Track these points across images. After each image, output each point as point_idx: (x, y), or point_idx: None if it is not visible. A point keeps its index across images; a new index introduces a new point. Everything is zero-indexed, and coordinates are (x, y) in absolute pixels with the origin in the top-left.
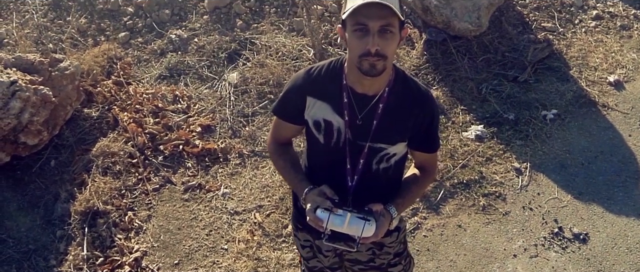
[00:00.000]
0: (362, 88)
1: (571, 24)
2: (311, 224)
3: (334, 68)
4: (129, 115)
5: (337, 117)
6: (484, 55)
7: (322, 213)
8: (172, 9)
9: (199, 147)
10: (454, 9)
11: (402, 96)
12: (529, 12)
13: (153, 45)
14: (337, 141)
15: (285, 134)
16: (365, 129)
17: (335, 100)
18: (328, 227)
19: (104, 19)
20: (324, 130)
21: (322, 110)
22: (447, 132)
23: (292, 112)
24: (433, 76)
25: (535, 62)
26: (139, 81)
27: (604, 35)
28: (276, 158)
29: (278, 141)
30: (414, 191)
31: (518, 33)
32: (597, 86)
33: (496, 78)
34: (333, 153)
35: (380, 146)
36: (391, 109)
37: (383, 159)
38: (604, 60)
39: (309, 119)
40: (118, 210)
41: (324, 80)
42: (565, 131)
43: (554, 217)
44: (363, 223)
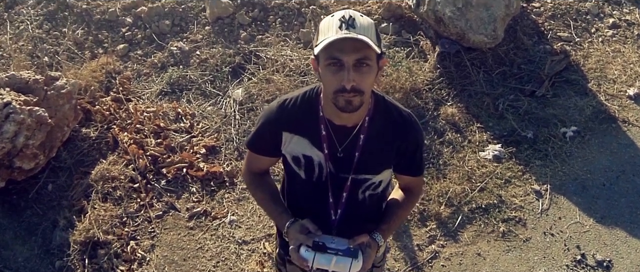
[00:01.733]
0: (340, 120)
1: (587, 33)
2: (295, 263)
3: (309, 99)
4: (129, 136)
5: (316, 151)
6: (500, 68)
7: (307, 253)
8: (173, 19)
9: (203, 170)
10: (468, 20)
11: (383, 125)
12: (544, 20)
13: (153, 58)
14: (318, 175)
15: (262, 166)
16: (346, 161)
17: (313, 134)
18: (314, 266)
19: (101, 30)
20: (304, 166)
21: (300, 145)
22: (463, 152)
23: (268, 146)
24: (447, 91)
25: (552, 75)
26: (139, 97)
27: (622, 45)
28: (254, 189)
29: (254, 172)
30: (400, 214)
31: (533, 43)
32: (616, 100)
33: (513, 92)
34: (315, 188)
35: (364, 177)
36: (373, 139)
37: (369, 188)
38: (623, 72)
39: (287, 154)
40: (120, 239)
41: (299, 113)
42: (586, 149)
43: (576, 243)
44: (350, 261)
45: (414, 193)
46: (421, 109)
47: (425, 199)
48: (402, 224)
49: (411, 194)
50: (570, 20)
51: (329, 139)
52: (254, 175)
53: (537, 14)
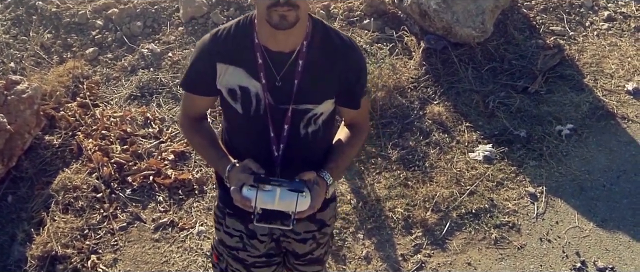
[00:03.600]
0: (276, 45)
1: (582, 26)
2: (238, 204)
3: (243, 27)
4: (94, 143)
5: (253, 81)
6: (489, 64)
7: (249, 191)
8: (145, 20)
9: (171, 178)
10: (455, 13)
11: (323, 49)
12: (535, 14)
13: (123, 61)
14: (256, 108)
15: (198, 109)
16: (286, 90)
17: (249, 63)
18: (257, 205)
19: (70, 33)
20: (240, 99)
21: (235, 76)
22: (451, 154)
23: (203, 84)
24: (433, 89)
25: (546, 70)
26: (108, 102)
27: (618, 39)
28: (191, 136)
29: (191, 117)
30: (347, 152)
31: (525, 38)
32: (614, 96)
33: (504, 89)
34: (254, 122)
35: (306, 106)
36: (312, 65)
37: (310, 121)
38: (620, 66)
39: (222, 88)
40: (80, 253)
41: (233, 42)
42: (583, 148)
43: (576, 249)
44: (296, 196)
45: (359, 128)
46: (406, 109)
47: (410, 204)
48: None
49: (357, 130)
50: (563, 13)
51: (265, 67)
52: (191, 121)
53: (528, 7)
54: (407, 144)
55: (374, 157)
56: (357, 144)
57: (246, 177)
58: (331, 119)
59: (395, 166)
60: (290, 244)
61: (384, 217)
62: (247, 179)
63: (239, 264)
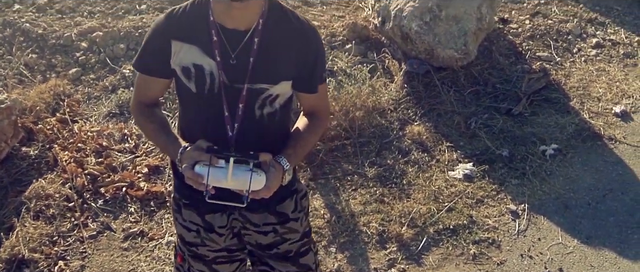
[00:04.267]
0: (232, 22)
1: (569, 53)
2: (190, 182)
3: (199, 5)
4: (69, 155)
5: (207, 59)
6: (473, 87)
7: (201, 168)
8: (128, 43)
9: (143, 190)
10: (436, 35)
11: (280, 28)
12: (522, 41)
13: (105, 81)
14: (210, 86)
15: (152, 93)
16: (241, 68)
17: (204, 41)
18: (209, 182)
19: (55, 54)
20: (194, 77)
21: (190, 54)
22: (430, 172)
23: (157, 63)
24: (414, 110)
25: (531, 93)
26: (87, 119)
27: (607, 64)
28: (143, 121)
29: (144, 102)
30: (306, 139)
31: (510, 63)
32: (601, 118)
33: (487, 111)
34: (208, 102)
35: (261, 86)
36: (269, 43)
37: (266, 103)
38: (608, 90)
39: (176, 67)
40: (47, 258)
41: (188, 20)
42: (568, 168)
43: (559, 266)
44: (249, 174)
45: (319, 117)
46: (385, 129)
47: (385, 219)
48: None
49: (316, 118)
50: (550, 40)
51: (220, 45)
52: (143, 107)
53: (514, 34)
54: (384, 162)
55: (350, 175)
56: (317, 133)
57: (199, 154)
58: (288, 105)
59: (372, 183)
60: (252, 236)
61: (357, 231)
62: (200, 156)
63: (200, 262)
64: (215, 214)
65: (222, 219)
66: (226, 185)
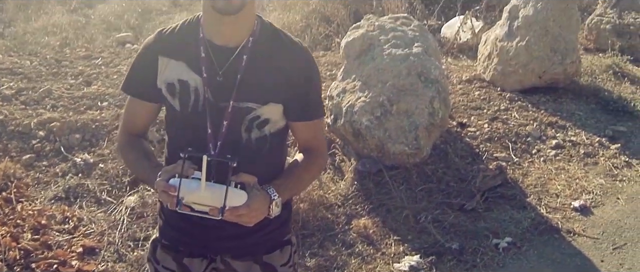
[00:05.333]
0: (221, 38)
1: (528, 154)
2: (162, 198)
3: (189, 24)
4: (6, 230)
5: (193, 75)
6: (425, 184)
7: (174, 180)
8: (84, 134)
9: (74, 267)
10: (387, 129)
11: (271, 47)
12: (479, 143)
13: (56, 168)
14: (194, 103)
15: (139, 120)
16: (227, 86)
17: (192, 57)
18: (182, 194)
19: (12, 140)
20: (178, 93)
21: (176, 69)
22: (374, 264)
23: (144, 84)
24: (362, 206)
25: (485, 189)
26: (32, 201)
27: (566, 163)
28: (127, 151)
29: (130, 132)
30: (299, 174)
31: (466, 164)
32: (559, 212)
33: (439, 207)
34: (191, 120)
35: (247, 104)
36: (258, 61)
37: (253, 126)
38: (567, 186)
39: (162, 85)
40: None
41: (178, 37)
42: (523, 260)
43: None
44: (224, 188)
45: (315, 153)
46: (330, 222)
47: None
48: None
49: (313, 155)
50: (509, 142)
51: (208, 61)
52: (129, 137)
53: (472, 137)
54: (327, 253)
55: None
56: (311, 170)
57: (173, 167)
58: (281, 136)
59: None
60: None
61: None
62: (174, 168)
63: None
64: (194, 259)
65: (201, 265)
66: (199, 198)
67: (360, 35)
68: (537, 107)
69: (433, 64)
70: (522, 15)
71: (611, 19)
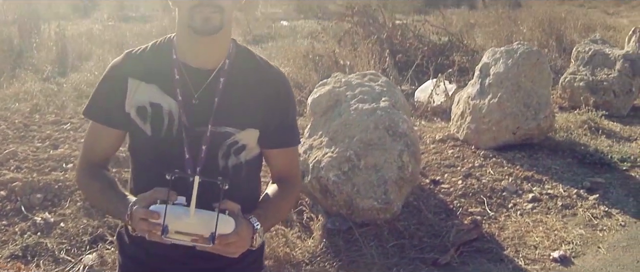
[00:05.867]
0: (197, 60)
1: (504, 208)
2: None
3: (160, 45)
4: None
5: (167, 98)
6: (397, 240)
7: (158, 206)
8: (46, 194)
9: None
10: (355, 185)
11: (247, 71)
12: (453, 199)
13: (15, 227)
14: (168, 128)
15: (101, 148)
16: (204, 109)
17: (164, 79)
18: (167, 222)
19: None
20: (150, 117)
21: (147, 92)
22: None
23: (109, 108)
24: (331, 263)
25: (460, 243)
26: None
27: (544, 216)
28: (89, 182)
29: (91, 161)
30: (277, 204)
31: (440, 219)
32: (539, 263)
33: (412, 263)
34: (165, 146)
35: (226, 129)
36: (235, 84)
37: (231, 152)
38: (546, 237)
39: (131, 109)
40: None
41: (149, 58)
42: None
43: None
44: (213, 214)
45: (290, 182)
46: None
47: None
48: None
49: (288, 184)
50: (484, 197)
51: (182, 84)
52: (91, 167)
53: (446, 193)
54: None
55: None
56: (288, 200)
57: (154, 192)
58: (256, 165)
59: None
60: None
61: None
62: (154, 194)
63: None
64: None
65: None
66: (187, 225)
67: (327, 91)
68: (513, 163)
69: (401, 118)
70: (493, 72)
71: (584, 76)
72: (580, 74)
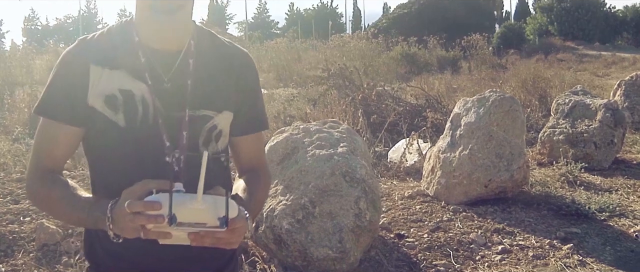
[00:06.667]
0: (161, 42)
1: (471, 260)
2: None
3: (118, 28)
4: None
5: (137, 83)
6: None
7: (158, 195)
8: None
9: None
10: (309, 233)
11: (212, 50)
12: (417, 252)
13: None
14: (144, 116)
15: (58, 151)
16: (177, 93)
17: (130, 63)
18: (173, 210)
19: None
20: (122, 105)
21: (115, 79)
22: None
23: (69, 102)
24: None
25: None
26: None
27: (513, 266)
28: (46, 191)
29: (45, 167)
30: (255, 195)
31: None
32: None
33: None
34: (141, 136)
35: (204, 112)
36: (205, 65)
37: (211, 138)
38: None
39: (97, 99)
40: None
41: (109, 43)
42: None
43: None
44: (220, 199)
45: (263, 172)
46: None
47: None
48: None
49: (260, 173)
50: (450, 250)
51: (150, 67)
52: (44, 173)
53: (410, 247)
54: None
55: None
56: (265, 190)
57: (144, 183)
58: (227, 154)
59: None
60: None
61: None
62: (147, 185)
63: None
64: None
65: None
66: (195, 211)
67: (284, 138)
68: (484, 217)
69: (359, 163)
70: (464, 122)
71: (564, 129)
72: (559, 127)
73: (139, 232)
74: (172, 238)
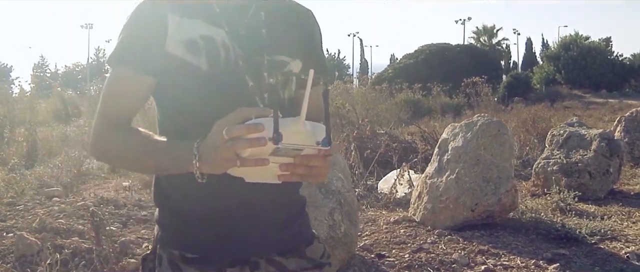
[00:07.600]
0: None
1: None
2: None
3: None
4: None
5: (215, 29)
6: None
7: (257, 120)
8: None
9: None
10: None
11: (281, 3)
12: (397, 271)
13: None
14: (226, 58)
15: (131, 103)
16: (254, 40)
17: (205, 13)
18: (282, 130)
19: None
20: (205, 50)
21: (194, 26)
22: None
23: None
24: None
25: None
26: None
27: None
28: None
29: (115, 120)
30: None
31: None
32: None
33: None
34: (226, 80)
35: (281, 58)
36: (275, 15)
37: (288, 83)
38: None
39: (177, 47)
40: None
41: None
42: None
43: None
44: (319, 125)
45: None
46: None
47: None
48: None
49: None
50: (431, 269)
51: (226, 15)
52: (114, 125)
53: (389, 265)
54: None
55: None
56: None
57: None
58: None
59: None
60: None
61: None
62: (243, 112)
63: None
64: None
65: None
66: (297, 133)
67: None
68: (469, 240)
69: (335, 176)
70: (451, 147)
71: (558, 160)
72: (553, 157)
73: (234, 161)
74: (262, 173)
